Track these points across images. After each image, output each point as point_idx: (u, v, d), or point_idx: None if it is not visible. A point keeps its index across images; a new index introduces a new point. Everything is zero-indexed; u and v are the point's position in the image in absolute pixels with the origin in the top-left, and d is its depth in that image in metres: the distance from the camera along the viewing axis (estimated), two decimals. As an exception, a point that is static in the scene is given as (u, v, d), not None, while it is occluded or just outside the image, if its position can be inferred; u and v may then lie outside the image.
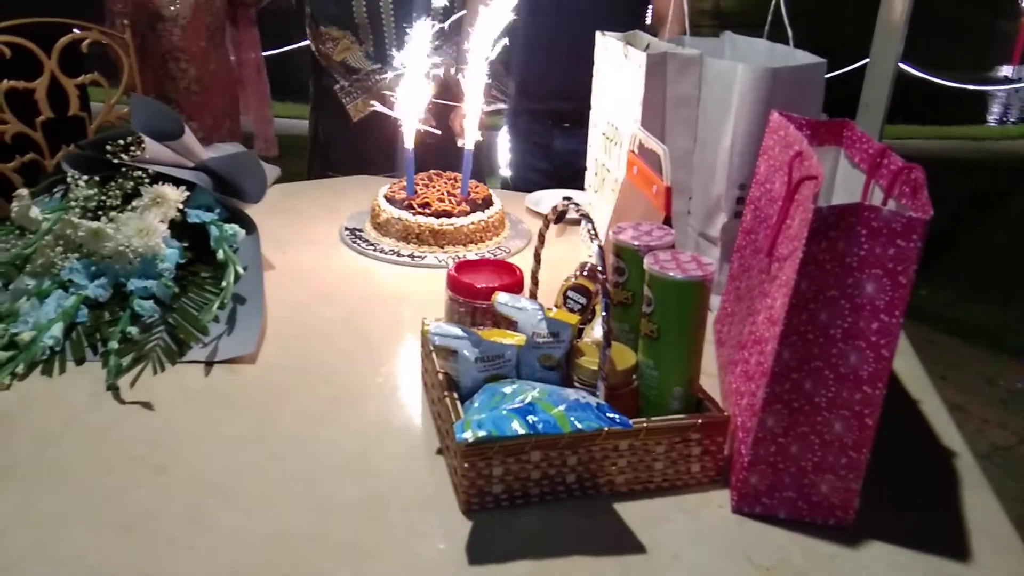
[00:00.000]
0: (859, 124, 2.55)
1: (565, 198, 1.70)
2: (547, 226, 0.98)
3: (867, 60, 2.68)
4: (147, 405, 0.97)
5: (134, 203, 1.19)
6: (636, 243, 0.92)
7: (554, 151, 1.99)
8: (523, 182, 2.07)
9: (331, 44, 2.01)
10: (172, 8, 2.36)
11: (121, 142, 1.23)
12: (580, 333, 1.05)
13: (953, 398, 2.58)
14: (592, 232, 0.84)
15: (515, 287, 0.99)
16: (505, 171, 3.21)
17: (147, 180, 1.22)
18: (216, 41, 2.51)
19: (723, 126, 1.19)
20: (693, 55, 1.20)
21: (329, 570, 0.74)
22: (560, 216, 1.62)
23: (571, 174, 1.70)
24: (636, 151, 1.20)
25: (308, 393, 1.02)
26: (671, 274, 0.83)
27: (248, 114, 2.73)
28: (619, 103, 1.32)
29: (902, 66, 3.01)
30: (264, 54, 2.78)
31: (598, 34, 1.39)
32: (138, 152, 1.22)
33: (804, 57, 1.19)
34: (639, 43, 1.35)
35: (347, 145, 2.07)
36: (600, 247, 0.83)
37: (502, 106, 2.90)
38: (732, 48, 1.36)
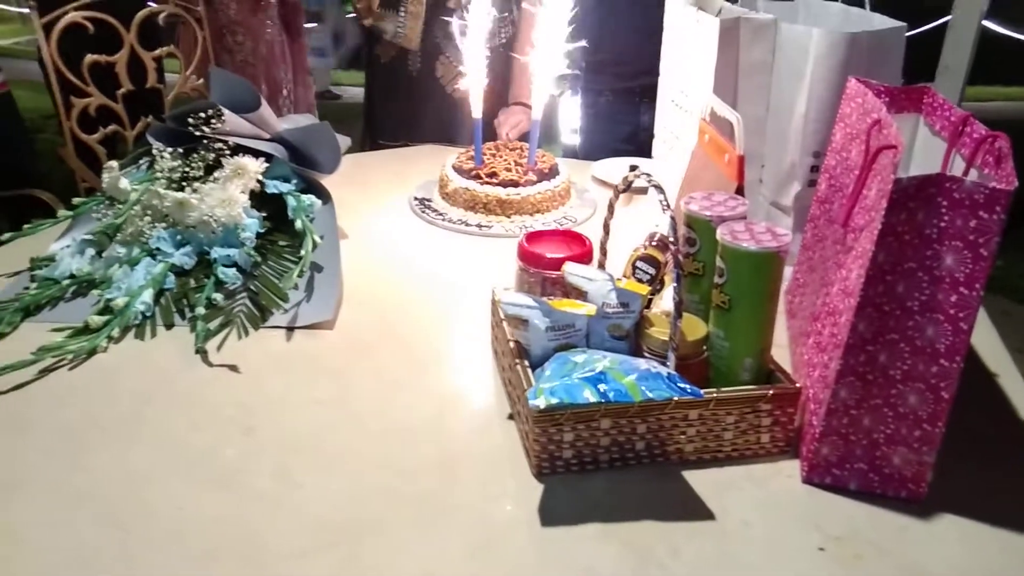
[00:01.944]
0: (938, 87, 2.47)
1: (632, 166, 1.70)
2: (616, 197, 0.99)
3: (948, 18, 2.57)
4: (233, 368, 1.02)
5: (216, 174, 1.24)
6: (708, 213, 0.92)
7: (642, 128, 1.97)
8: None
9: None
10: None
11: (202, 115, 1.27)
12: (649, 303, 1.06)
13: (1031, 371, 2.50)
14: (664, 203, 0.84)
15: (585, 257, 1.00)
16: (568, 138, 3.21)
17: (228, 152, 1.26)
18: (269, 13, 2.56)
19: (797, 93, 1.16)
20: (767, 20, 1.18)
21: (406, 525, 0.78)
22: (628, 186, 1.62)
23: None
24: (708, 119, 1.19)
25: (383, 358, 1.05)
26: (744, 245, 0.83)
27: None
28: (690, 70, 1.31)
29: (986, 24, 2.87)
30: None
31: (668, -2, 1.37)
32: (218, 124, 1.27)
33: (881, 21, 1.16)
34: (711, 7, 1.32)
35: (400, 115, 2.09)
36: (672, 218, 0.83)
37: (564, 71, 2.88)
38: (807, 11, 1.33)
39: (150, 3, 2.17)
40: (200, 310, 1.09)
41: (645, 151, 1.87)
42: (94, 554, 0.74)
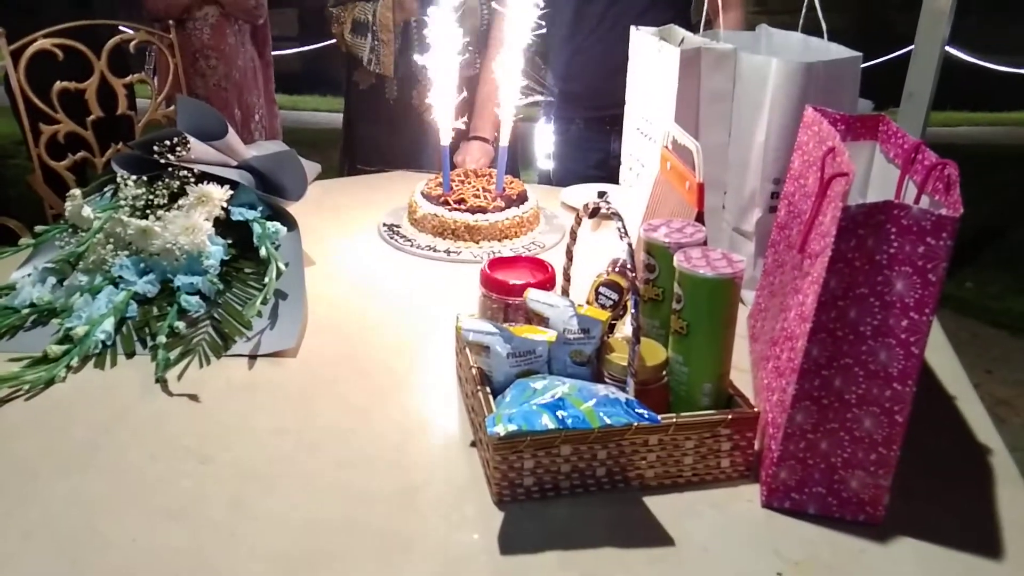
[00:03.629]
0: (902, 114, 2.52)
1: (600, 192, 1.72)
2: (579, 223, 0.99)
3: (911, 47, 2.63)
4: (193, 397, 1.01)
5: (180, 202, 1.24)
6: (667, 240, 0.93)
7: (611, 156, 1.99)
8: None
9: (338, 23, 2.04)
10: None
11: (168, 142, 1.27)
12: (612, 328, 1.06)
13: (999, 392, 2.53)
14: (622, 230, 0.85)
15: (547, 284, 1.00)
16: (544, 163, 3.23)
17: (192, 179, 1.26)
18: (241, 39, 2.58)
19: (757, 121, 1.19)
20: (727, 50, 1.20)
21: (364, 557, 0.77)
22: (594, 211, 1.64)
23: None
24: (670, 147, 1.20)
25: (346, 386, 1.05)
26: (701, 272, 0.84)
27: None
28: (653, 98, 1.32)
29: (950, 50, 2.94)
30: (303, 48, 2.85)
31: (632, 29, 1.39)
32: (184, 152, 1.26)
33: (839, 51, 1.18)
34: (674, 38, 1.35)
35: (377, 140, 2.10)
36: (630, 245, 0.84)
37: (539, 98, 2.91)
38: (768, 41, 1.36)
39: (123, 28, 2.17)
40: (162, 339, 1.08)
41: (615, 177, 1.89)
42: (43, 589, 0.72)
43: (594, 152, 2.06)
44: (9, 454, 0.89)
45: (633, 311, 0.83)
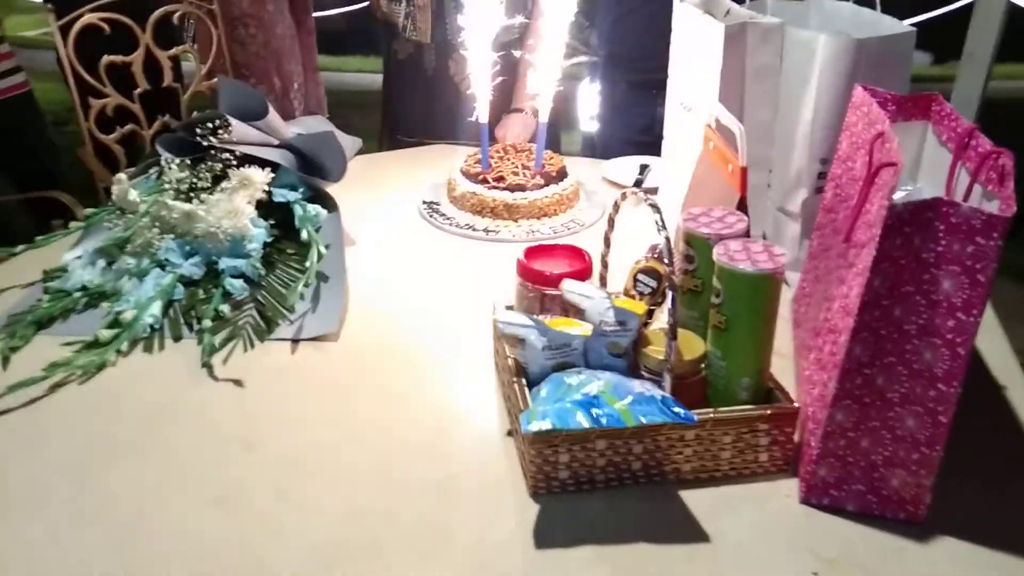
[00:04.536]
0: (961, 75, 2.41)
1: (643, 165, 1.69)
2: (616, 210, 0.98)
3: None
4: (238, 383, 1.03)
5: (223, 184, 1.25)
6: (706, 231, 0.91)
7: (656, 121, 1.96)
8: (618, 154, 2.06)
9: None
10: None
11: (209, 125, 1.28)
12: (651, 314, 1.06)
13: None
14: (660, 223, 0.84)
15: (584, 274, 0.99)
16: (587, 125, 3.18)
17: (234, 162, 1.27)
18: (280, 6, 2.57)
19: (805, 98, 1.15)
20: (774, 24, 1.16)
21: (404, 548, 0.79)
22: (636, 185, 1.61)
23: None
24: (713, 125, 1.17)
25: (387, 372, 1.06)
26: (741, 266, 0.82)
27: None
28: (697, 73, 1.29)
29: (1016, 1, 2.78)
30: (346, 9, 2.84)
31: (675, 1, 1.35)
32: (225, 134, 1.28)
33: (891, 25, 1.13)
34: (719, 9, 1.31)
35: (417, 112, 2.08)
36: (668, 239, 0.83)
37: (583, 59, 2.85)
38: (818, 11, 1.30)
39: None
40: (207, 322, 1.10)
41: (660, 144, 1.86)
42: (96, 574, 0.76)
43: (639, 117, 2.02)
44: (64, 441, 0.93)
45: (670, 307, 0.82)
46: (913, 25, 1.15)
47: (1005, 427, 0.96)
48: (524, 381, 0.89)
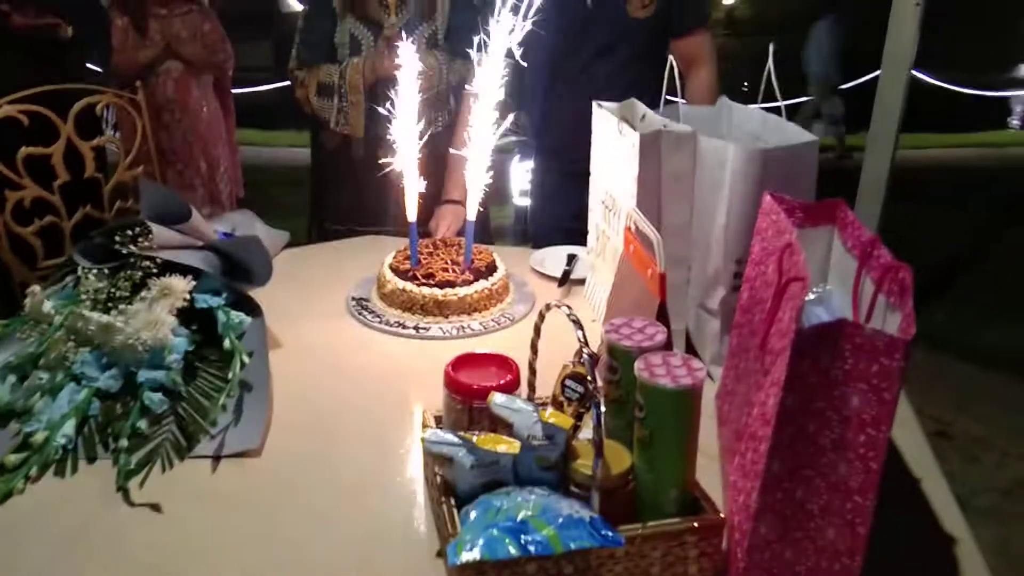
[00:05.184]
0: (868, 157, 2.54)
1: (570, 255, 1.72)
2: (542, 319, 0.99)
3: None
4: (156, 507, 0.99)
5: (143, 294, 1.22)
6: (628, 343, 0.93)
7: (585, 207, 2.00)
8: (547, 239, 2.09)
9: (302, 86, 2.03)
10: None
11: (129, 232, 1.26)
12: (581, 417, 1.06)
13: (973, 430, 2.55)
14: (582, 340, 0.85)
15: (511, 385, 1.00)
16: (518, 200, 3.24)
17: (155, 270, 1.25)
18: (205, 91, 2.58)
19: (718, 202, 1.20)
20: (686, 132, 1.21)
21: None
22: (564, 277, 1.64)
23: None
24: (633, 229, 1.21)
25: (311, 489, 1.04)
26: (661, 382, 0.84)
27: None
28: (616, 175, 1.33)
29: (916, 74, 2.95)
30: (277, 85, 2.87)
31: (595, 105, 1.40)
32: (145, 242, 1.25)
33: (796, 133, 1.20)
34: (635, 114, 1.36)
35: (345, 200, 2.09)
36: (591, 356, 0.84)
37: (512, 138, 2.92)
38: (728, 117, 1.37)
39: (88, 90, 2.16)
40: (123, 442, 1.06)
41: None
42: None
43: (570, 205, 2.06)
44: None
45: (595, 423, 0.82)
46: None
47: (924, 519, 0.99)
48: (452, 501, 0.88)
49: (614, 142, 1.31)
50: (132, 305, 1.21)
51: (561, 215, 2.08)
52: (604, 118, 1.35)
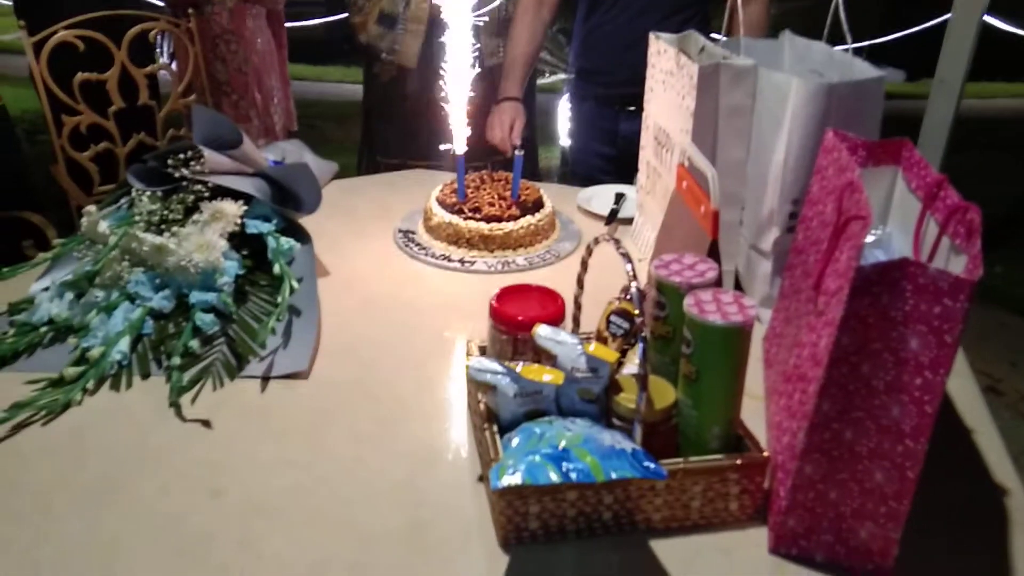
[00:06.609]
0: (933, 101, 2.43)
1: (618, 194, 1.69)
2: (589, 253, 0.98)
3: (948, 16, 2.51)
4: (207, 423, 1.02)
5: (195, 217, 1.24)
6: (677, 279, 0.91)
7: (619, 135, 1.98)
8: (585, 168, 2.07)
9: (362, 13, 2.00)
10: None
11: (181, 156, 1.27)
12: (624, 353, 1.05)
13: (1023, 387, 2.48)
14: (631, 274, 0.84)
15: (556, 318, 0.99)
16: (565, 140, 3.21)
17: (206, 194, 1.26)
18: (259, 22, 2.56)
19: (776, 140, 1.15)
20: (747, 66, 1.16)
21: (371, 602, 0.78)
22: (612, 216, 1.61)
23: (634, 158, 1.68)
24: (686, 164, 1.18)
25: (357, 413, 1.05)
26: (711, 319, 0.82)
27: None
28: (671, 109, 1.30)
29: (988, 20, 2.80)
30: (329, 19, 2.85)
31: (651, 35, 1.36)
32: (197, 166, 1.26)
33: (863, 69, 1.14)
34: (693, 46, 1.31)
35: (397, 134, 2.08)
36: (639, 290, 0.83)
37: (563, 76, 2.87)
38: (791, 50, 1.32)
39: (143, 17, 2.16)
40: (176, 360, 1.09)
41: (624, 157, 1.86)
42: (57, 633, 0.74)
43: (605, 132, 2.03)
44: (26, 484, 0.91)
45: (641, 357, 0.81)
46: (887, 42, 1.16)
47: (974, 471, 0.97)
48: (495, 428, 0.88)
49: (670, 74, 1.27)
50: (184, 228, 1.22)
51: (597, 142, 2.05)
52: (661, 49, 1.31)
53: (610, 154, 2.01)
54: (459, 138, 1.48)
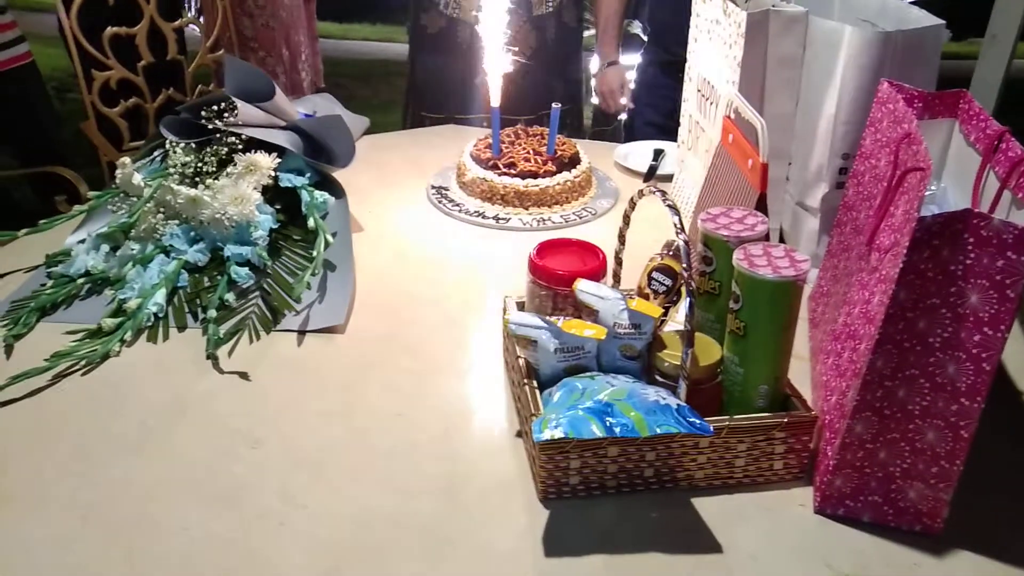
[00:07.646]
0: (984, 58, 2.35)
1: (657, 150, 1.66)
2: (632, 207, 0.95)
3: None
4: (244, 375, 1.01)
5: (229, 169, 1.23)
6: (725, 233, 0.88)
7: (680, 106, 1.94)
8: (641, 135, 2.03)
9: None
10: None
11: (215, 107, 1.25)
12: (666, 312, 1.03)
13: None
14: (678, 226, 0.81)
15: (597, 272, 0.97)
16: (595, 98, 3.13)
17: (240, 146, 1.24)
18: None
19: (827, 91, 1.11)
20: (798, 13, 1.12)
21: (409, 553, 0.78)
22: (651, 172, 1.58)
23: None
24: (732, 117, 1.14)
25: (394, 367, 1.04)
26: (761, 272, 0.80)
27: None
28: (716, 60, 1.25)
29: None
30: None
31: (696, -17, 1.31)
32: (231, 117, 1.25)
33: (919, 17, 1.09)
34: (740, -6, 1.26)
35: (445, 87, 2.04)
36: (686, 243, 0.80)
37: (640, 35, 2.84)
38: (842, 0, 1.26)
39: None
40: (212, 312, 1.08)
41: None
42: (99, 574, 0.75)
43: (664, 100, 1.99)
44: (68, 433, 0.91)
45: (688, 313, 0.79)
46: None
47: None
48: (535, 384, 0.87)
49: (716, 23, 1.23)
50: (218, 180, 1.21)
51: (655, 110, 2.01)
52: (706, -2, 1.26)
53: (668, 125, 1.98)
54: (494, 89, 1.44)
